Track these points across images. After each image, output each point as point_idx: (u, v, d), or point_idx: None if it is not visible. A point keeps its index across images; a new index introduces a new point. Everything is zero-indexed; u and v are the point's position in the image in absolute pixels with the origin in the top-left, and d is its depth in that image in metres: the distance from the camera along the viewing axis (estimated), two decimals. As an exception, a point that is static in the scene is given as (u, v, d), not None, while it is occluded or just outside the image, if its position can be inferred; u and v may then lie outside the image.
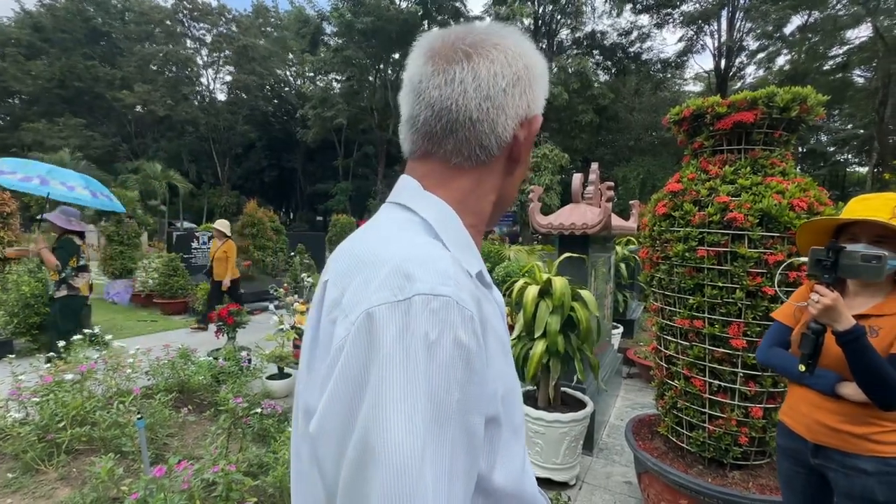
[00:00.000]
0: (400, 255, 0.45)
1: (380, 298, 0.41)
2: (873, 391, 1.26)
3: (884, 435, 1.31)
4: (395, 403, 0.38)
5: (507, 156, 0.57)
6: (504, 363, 0.52)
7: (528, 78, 0.55)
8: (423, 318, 0.39)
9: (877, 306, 1.36)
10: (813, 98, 1.99)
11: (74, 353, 3.33)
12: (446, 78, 0.52)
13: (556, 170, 16.76)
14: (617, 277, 5.58)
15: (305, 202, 35.06)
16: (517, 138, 0.55)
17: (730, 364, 2.07)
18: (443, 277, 0.42)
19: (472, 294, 0.45)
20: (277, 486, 2.25)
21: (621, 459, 3.08)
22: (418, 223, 0.53)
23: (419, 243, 0.48)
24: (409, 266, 0.43)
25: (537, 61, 0.56)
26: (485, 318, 0.46)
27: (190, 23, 31.12)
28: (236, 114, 30.85)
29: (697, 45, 23.56)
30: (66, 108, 28.08)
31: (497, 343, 0.50)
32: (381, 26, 23.78)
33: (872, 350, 1.25)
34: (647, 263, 2.44)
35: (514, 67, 0.53)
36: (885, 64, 17.03)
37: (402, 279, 0.42)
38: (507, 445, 0.51)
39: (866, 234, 1.34)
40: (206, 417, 3.35)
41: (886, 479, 1.30)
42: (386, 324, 0.40)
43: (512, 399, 0.53)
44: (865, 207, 1.35)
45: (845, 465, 1.36)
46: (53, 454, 2.75)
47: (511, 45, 0.54)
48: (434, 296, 0.40)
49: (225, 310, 4.39)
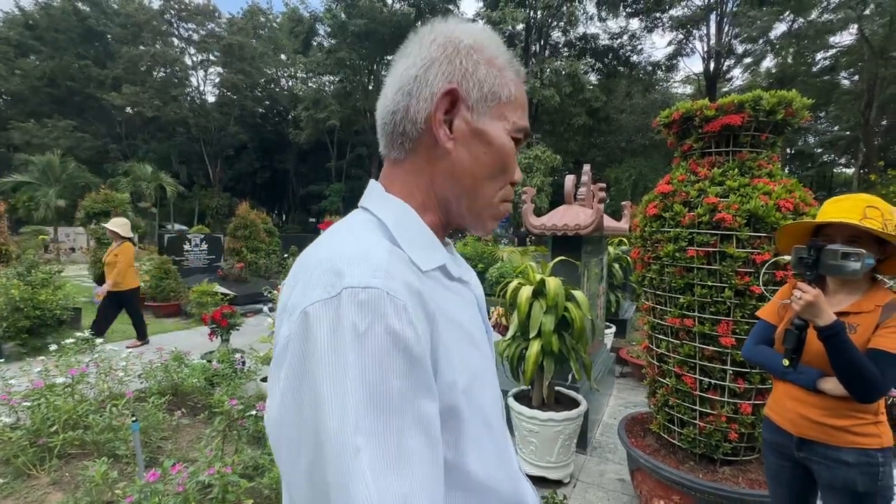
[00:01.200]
0: (333, 253, 0.47)
1: (314, 297, 0.43)
2: (852, 385, 1.31)
3: (863, 427, 1.36)
4: (330, 394, 0.39)
5: (431, 139, 0.56)
6: (468, 354, 0.53)
7: (447, 55, 0.54)
8: (352, 311, 0.41)
9: (855, 304, 1.42)
10: (798, 101, 2.04)
11: (66, 357, 3.30)
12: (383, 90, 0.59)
13: (548, 171, 16.89)
14: (609, 278, 5.63)
15: (298, 204, 34.91)
16: (434, 118, 0.54)
17: (719, 361, 2.12)
18: (372, 270, 0.43)
19: (410, 285, 0.45)
20: (273, 488, 2.26)
21: (615, 457, 3.12)
22: (374, 224, 0.54)
23: (355, 241, 0.50)
24: (339, 263, 0.44)
25: (464, 36, 0.56)
26: (431, 308, 0.47)
27: (178, 23, 30.91)
28: (227, 115, 30.65)
29: (687, 49, 23.88)
30: (55, 108, 27.73)
31: (455, 332, 0.51)
32: (375, 28, 23.81)
33: (852, 345, 1.30)
34: (638, 263, 2.48)
35: (429, 51, 0.55)
36: (871, 67, 17.37)
37: (333, 276, 0.43)
38: (476, 439, 0.51)
39: (840, 235, 1.39)
40: (200, 420, 3.33)
41: (867, 470, 1.34)
42: (319, 320, 0.41)
43: (479, 391, 0.53)
44: (837, 209, 1.40)
45: (828, 457, 1.40)
46: (45, 459, 2.72)
47: (431, 35, 0.56)
48: (362, 288, 0.42)
49: (218, 312, 4.37)
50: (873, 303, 1.39)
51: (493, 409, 0.57)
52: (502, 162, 0.57)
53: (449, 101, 0.55)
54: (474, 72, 0.55)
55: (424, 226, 0.56)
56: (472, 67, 0.55)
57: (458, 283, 0.59)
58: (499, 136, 0.56)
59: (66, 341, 3.59)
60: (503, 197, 0.60)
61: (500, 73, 0.56)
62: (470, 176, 0.56)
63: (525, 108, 0.60)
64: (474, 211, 0.59)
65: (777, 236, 1.59)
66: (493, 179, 0.58)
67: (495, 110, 0.56)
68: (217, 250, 9.97)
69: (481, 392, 0.54)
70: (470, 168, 0.56)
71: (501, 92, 0.56)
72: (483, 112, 0.56)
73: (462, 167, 0.56)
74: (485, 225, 0.61)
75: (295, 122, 29.27)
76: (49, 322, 5.10)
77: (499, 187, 0.59)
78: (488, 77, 0.55)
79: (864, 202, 1.36)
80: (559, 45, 25.85)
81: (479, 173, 0.57)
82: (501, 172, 0.58)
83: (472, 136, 0.55)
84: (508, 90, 0.57)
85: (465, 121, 0.55)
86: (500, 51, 0.57)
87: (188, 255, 9.37)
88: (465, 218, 0.60)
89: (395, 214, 0.55)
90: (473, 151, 0.56)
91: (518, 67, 0.59)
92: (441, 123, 0.55)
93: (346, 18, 23.75)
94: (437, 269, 0.55)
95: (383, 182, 0.60)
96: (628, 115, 24.72)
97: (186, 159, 30.89)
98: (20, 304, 4.90)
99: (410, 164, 0.58)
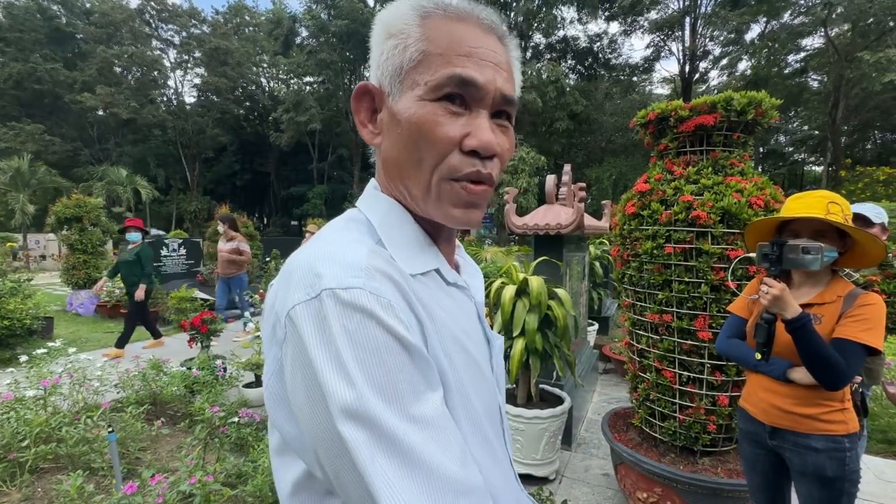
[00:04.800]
0: (313, 255, 0.45)
1: (296, 299, 0.42)
2: (820, 373, 1.36)
3: (831, 414, 1.42)
4: (339, 396, 0.38)
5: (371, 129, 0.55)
6: (458, 360, 0.50)
7: (372, 52, 0.54)
8: (337, 311, 0.40)
9: (818, 295, 1.48)
10: (767, 102, 2.11)
11: (37, 368, 3.18)
12: None
13: (533, 172, 17.05)
14: (591, 276, 5.72)
15: (279, 206, 34.39)
16: (358, 120, 0.55)
17: (697, 356, 2.17)
18: (352, 270, 0.42)
19: (393, 285, 0.44)
20: (257, 496, 2.22)
21: (599, 453, 3.16)
22: (363, 223, 0.54)
23: (337, 241, 0.48)
24: (317, 264, 0.43)
25: (378, 22, 0.53)
26: (419, 310, 0.46)
27: (157, 24, 30.17)
28: (206, 117, 30.00)
29: (664, 51, 24.40)
30: (23, 110, 26.73)
31: (446, 337, 0.50)
32: (356, 29, 23.65)
33: (818, 335, 1.35)
34: (618, 261, 2.53)
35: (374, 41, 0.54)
36: (837, 69, 18.04)
37: (313, 277, 0.42)
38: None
39: (806, 230, 1.45)
40: (180, 429, 3.25)
41: (835, 455, 1.40)
42: (304, 322, 0.41)
43: (467, 399, 0.51)
44: (802, 205, 1.46)
45: (798, 444, 1.46)
46: (16, 474, 2.62)
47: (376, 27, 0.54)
48: (343, 289, 0.41)
49: (198, 318, 4.28)
50: (835, 294, 1.45)
51: (486, 419, 0.54)
52: (414, 135, 0.49)
53: (368, 98, 0.53)
54: (381, 55, 0.52)
55: (411, 225, 0.54)
56: (378, 52, 0.52)
57: (453, 288, 0.57)
58: (406, 109, 0.49)
59: (36, 352, 3.46)
60: (446, 173, 0.49)
61: (399, 40, 0.50)
62: (395, 164, 0.52)
63: (454, 52, 0.48)
64: (418, 200, 0.52)
65: (745, 235, 1.65)
66: (415, 159, 0.50)
67: (406, 83, 0.50)
68: (196, 255, 9.75)
69: (469, 399, 0.51)
70: (394, 156, 0.52)
71: (403, 59, 0.49)
72: (396, 92, 0.51)
73: (389, 157, 0.53)
74: (445, 213, 0.51)
75: (275, 125, 28.84)
76: (18, 332, 4.92)
77: (429, 165, 0.49)
78: (392, 54, 0.50)
79: (827, 198, 1.42)
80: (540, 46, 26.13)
81: (399, 157, 0.51)
82: (418, 147, 0.49)
83: (389, 122, 0.51)
84: (410, 51, 0.49)
85: (387, 108, 0.52)
86: (399, 13, 0.51)
87: (166, 260, 9.14)
88: (420, 208, 0.53)
89: (381, 213, 0.54)
90: (391, 137, 0.51)
91: (445, 5, 0.50)
92: (363, 124, 0.54)
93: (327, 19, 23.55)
94: (424, 274, 0.52)
95: (377, 180, 0.59)
96: (608, 116, 25.14)
97: (163, 162, 30.11)
98: None
99: (379, 157, 0.57)
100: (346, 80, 27.87)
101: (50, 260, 15.41)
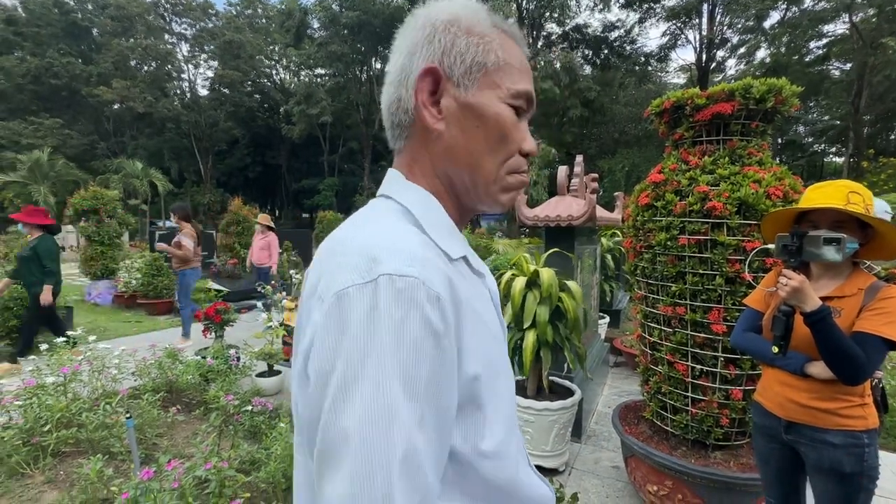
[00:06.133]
0: (368, 240, 0.46)
1: (348, 281, 0.42)
2: (839, 368, 1.33)
3: (850, 409, 1.39)
4: (369, 378, 0.39)
5: (423, 124, 0.55)
6: (490, 347, 0.52)
7: (427, 37, 0.54)
8: (389, 298, 0.41)
9: (838, 288, 1.44)
10: (787, 89, 2.05)
11: (57, 355, 3.27)
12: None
13: (544, 164, 16.88)
14: (603, 269, 5.66)
15: (291, 199, 34.67)
16: (417, 101, 0.54)
17: (711, 349, 2.14)
18: (408, 259, 0.43)
19: (443, 275, 0.45)
20: (270, 482, 2.26)
21: (609, 445, 3.15)
22: (397, 210, 0.54)
23: (388, 228, 0.50)
24: (375, 250, 0.44)
25: (440, 14, 0.55)
26: (459, 299, 0.47)
27: (171, 17, 30.41)
28: (219, 110, 30.28)
29: (681, 39, 23.84)
30: (41, 104, 27.24)
31: (478, 326, 0.50)
32: (368, 20, 23.57)
33: (838, 328, 1.32)
34: (630, 253, 2.49)
35: (412, 38, 0.55)
36: (861, 56, 17.45)
37: (370, 262, 0.43)
38: (491, 431, 0.50)
39: (825, 221, 1.40)
40: (195, 416, 3.32)
41: (853, 451, 1.37)
42: (353, 304, 0.41)
43: (496, 385, 0.52)
44: (821, 195, 1.41)
45: (814, 439, 1.43)
46: (39, 457, 2.71)
47: (412, 22, 0.56)
48: (399, 276, 0.42)
49: (212, 308, 4.35)
50: (856, 286, 1.41)
51: (510, 407, 0.56)
52: (499, 132, 0.54)
53: (431, 81, 0.54)
54: (453, 46, 0.53)
55: (445, 214, 0.56)
56: (450, 42, 0.53)
57: (476, 277, 0.58)
58: (490, 106, 0.54)
59: (56, 340, 3.56)
60: (511, 168, 0.56)
61: (481, 40, 0.54)
62: (466, 152, 0.55)
63: (524, 70, 0.57)
64: (480, 187, 0.56)
65: (762, 225, 1.61)
66: (494, 152, 0.55)
67: (483, 80, 0.54)
68: (210, 247, 9.90)
69: (503, 387, 0.54)
70: (465, 145, 0.54)
71: (486, 59, 0.54)
72: (470, 85, 0.54)
73: (458, 145, 0.55)
74: (496, 199, 0.57)
75: (287, 117, 28.96)
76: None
77: (502, 159, 0.55)
78: (469, 47, 0.53)
79: (847, 188, 1.38)
80: (552, 36, 25.71)
81: (475, 148, 0.54)
82: (501, 143, 0.55)
83: (462, 111, 0.54)
84: (495, 56, 0.54)
85: (453, 97, 0.54)
86: (478, 17, 0.55)
87: (180, 251, 9.28)
88: (472, 195, 0.57)
89: (419, 202, 0.55)
90: (466, 127, 0.54)
91: (510, 29, 0.57)
92: (426, 105, 0.54)
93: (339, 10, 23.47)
94: (461, 258, 0.55)
95: (401, 170, 0.59)
96: (622, 106, 24.72)
97: (177, 155, 30.54)
98: (9, 304, 4.85)
99: (409, 151, 0.58)
100: (358, 72, 27.82)
101: (69, 251, 15.76)
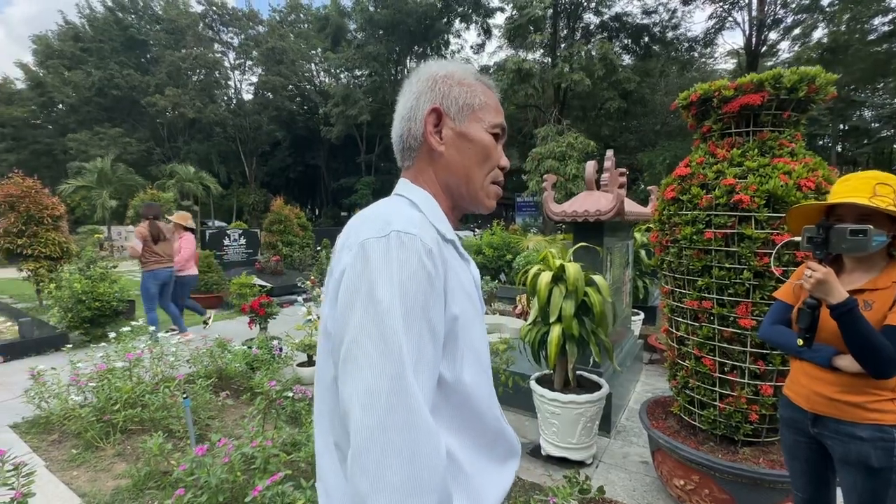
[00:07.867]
0: (384, 212, 0.68)
1: (371, 233, 0.62)
2: (867, 361, 1.31)
3: (878, 403, 1.36)
4: (382, 294, 0.57)
5: (428, 147, 0.77)
6: (466, 304, 0.69)
7: (429, 86, 0.76)
8: (397, 246, 0.60)
9: (871, 281, 1.40)
10: (822, 78, 1.98)
11: (123, 343, 3.63)
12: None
13: (582, 157, 16.50)
14: (637, 264, 5.55)
15: (330, 198, 35.68)
16: (426, 131, 0.75)
17: (739, 343, 2.11)
18: (411, 224, 0.63)
19: (434, 239, 0.65)
20: (309, 462, 2.45)
21: (639, 441, 3.14)
22: (407, 202, 0.75)
23: (399, 208, 0.71)
24: (390, 217, 0.65)
25: (439, 70, 0.78)
26: (446, 258, 0.66)
27: (219, 27, 32.03)
28: (262, 114, 31.58)
29: (729, 21, 22.50)
30: (105, 115, 29.48)
31: (458, 286, 0.68)
32: (401, 19, 23.88)
33: (865, 321, 1.30)
34: (657, 247, 2.48)
35: (417, 87, 0.77)
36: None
37: (385, 224, 0.63)
38: (470, 365, 0.68)
39: (850, 215, 1.38)
40: (242, 401, 3.59)
41: (881, 445, 1.34)
42: (373, 249, 0.60)
43: (474, 333, 0.70)
44: (846, 189, 1.39)
45: (840, 432, 1.41)
46: (110, 433, 3.03)
47: (417, 76, 0.79)
48: (405, 233, 0.61)
49: (256, 302, 4.65)
50: (890, 279, 1.37)
51: (485, 355, 0.75)
52: (484, 152, 0.78)
53: (435, 116, 0.76)
54: (449, 92, 0.76)
55: (440, 209, 0.77)
56: (447, 90, 0.76)
57: (462, 260, 0.77)
58: (478, 133, 0.77)
59: (122, 329, 3.94)
60: (493, 178, 0.81)
61: (469, 89, 0.77)
62: (461, 167, 0.77)
63: (498, 109, 0.81)
64: (471, 192, 0.79)
65: (788, 218, 1.58)
66: (481, 166, 0.78)
67: (472, 116, 0.77)
68: (254, 244, 10.44)
69: (476, 334, 0.71)
70: (461, 161, 0.77)
71: (473, 102, 0.77)
72: (462, 119, 0.76)
73: (455, 162, 0.77)
74: (483, 202, 0.80)
75: (325, 119, 29.82)
76: (107, 313, 5.55)
77: (486, 172, 0.79)
78: (461, 94, 0.76)
79: (875, 179, 1.34)
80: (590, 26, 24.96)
81: (468, 163, 0.77)
82: (486, 160, 0.78)
83: (457, 138, 0.76)
84: (479, 99, 0.77)
85: (451, 128, 0.76)
86: (467, 73, 0.79)
87: (228, 249, 9.87)
88: (465, 198, 0.79)
89: (422, 199, 0.75)
90: (461, 149, 0.77)
91: (487, 81, 0.81)
92: (431, 134, 0.76)
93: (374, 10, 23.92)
94: (451, 242, 0.74)
95: (407, 177, 0.80)
96: (663, 96, 23.70)
97: (225, 158, 32.13)
98: (82, 297, 5.35)
99: (417, 167, 0.79)
100: (393, 71, 28.22)
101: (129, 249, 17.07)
